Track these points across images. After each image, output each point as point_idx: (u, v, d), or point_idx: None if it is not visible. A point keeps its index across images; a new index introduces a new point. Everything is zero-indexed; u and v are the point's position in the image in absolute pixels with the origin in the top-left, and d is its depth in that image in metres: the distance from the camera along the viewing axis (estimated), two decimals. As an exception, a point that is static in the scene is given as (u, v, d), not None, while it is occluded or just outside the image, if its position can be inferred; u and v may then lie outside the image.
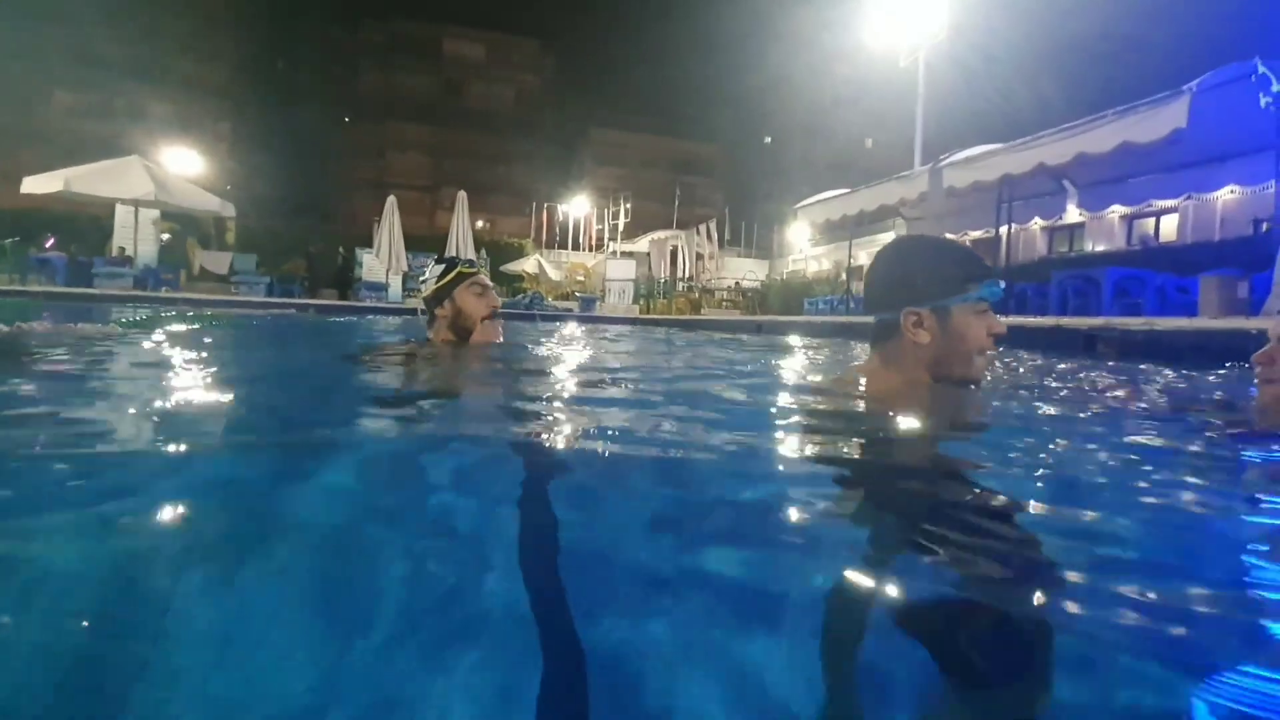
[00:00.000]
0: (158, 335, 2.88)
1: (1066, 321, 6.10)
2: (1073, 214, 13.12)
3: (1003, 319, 1.42)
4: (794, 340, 6.22)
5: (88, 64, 32.01)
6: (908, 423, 1.34)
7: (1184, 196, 11.38)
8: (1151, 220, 13.28)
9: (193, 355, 2.24)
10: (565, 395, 1.74)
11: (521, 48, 49.75)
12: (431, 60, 48.33)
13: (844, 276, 17.64)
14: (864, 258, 19.51)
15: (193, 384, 1.63)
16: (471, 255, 16.67)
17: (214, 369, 1.93)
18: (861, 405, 1.45)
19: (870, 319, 1.47)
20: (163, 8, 33.96)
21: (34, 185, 13.45)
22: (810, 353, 4.16)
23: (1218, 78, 7.01)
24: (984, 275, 1.36)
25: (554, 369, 2.28)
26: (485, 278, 2.27)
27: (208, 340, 3.19)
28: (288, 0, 44.13)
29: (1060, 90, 25.89)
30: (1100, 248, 13.44)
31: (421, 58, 47.97)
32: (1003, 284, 1.43)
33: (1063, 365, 3.36)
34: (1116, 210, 12.73)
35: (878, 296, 1.44)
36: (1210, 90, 6.95)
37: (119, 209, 14.96)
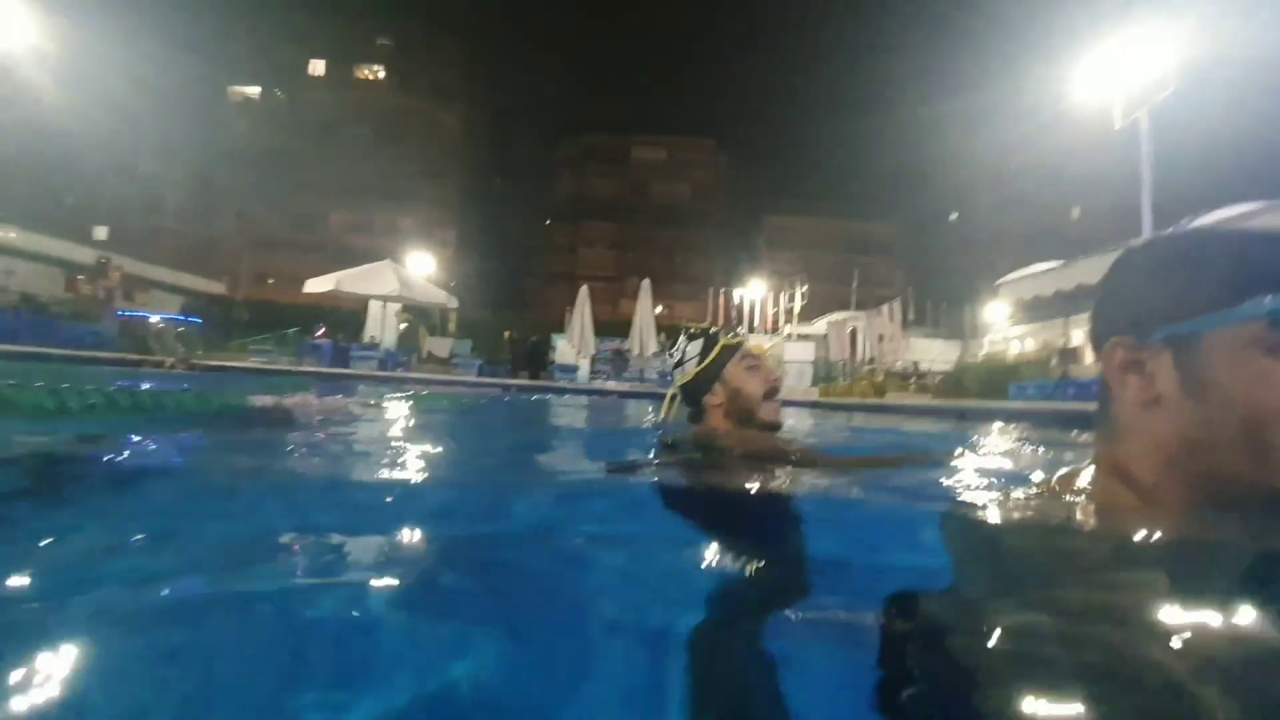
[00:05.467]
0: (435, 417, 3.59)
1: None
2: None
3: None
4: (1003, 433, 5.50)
5: (356, 192, 41.84)
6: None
7: None
8: None
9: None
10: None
11: (698, 147, 53.30)
12: (619, 165, 53.57)
13: (1054, 361, 15.76)
14: (1080, 338, 17.31)
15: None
16: (651, 339, 17.50)
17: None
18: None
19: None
20: (408, 145, 43.33)
21: (313, 286, 16.72)
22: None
23: None
24: None
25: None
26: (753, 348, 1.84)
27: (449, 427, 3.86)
28: (502, 129, 52.47)
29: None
30: None
31: (610, 164, 53.45)
32: None
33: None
34: None
35: (1097, 322, 0.72)
36: None
37: (371, 304, 18.01)
